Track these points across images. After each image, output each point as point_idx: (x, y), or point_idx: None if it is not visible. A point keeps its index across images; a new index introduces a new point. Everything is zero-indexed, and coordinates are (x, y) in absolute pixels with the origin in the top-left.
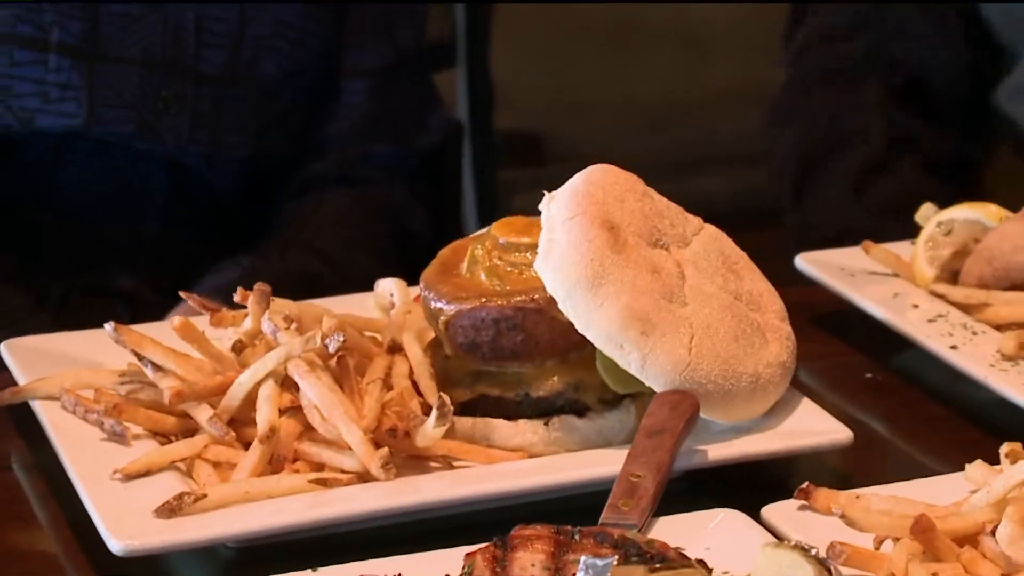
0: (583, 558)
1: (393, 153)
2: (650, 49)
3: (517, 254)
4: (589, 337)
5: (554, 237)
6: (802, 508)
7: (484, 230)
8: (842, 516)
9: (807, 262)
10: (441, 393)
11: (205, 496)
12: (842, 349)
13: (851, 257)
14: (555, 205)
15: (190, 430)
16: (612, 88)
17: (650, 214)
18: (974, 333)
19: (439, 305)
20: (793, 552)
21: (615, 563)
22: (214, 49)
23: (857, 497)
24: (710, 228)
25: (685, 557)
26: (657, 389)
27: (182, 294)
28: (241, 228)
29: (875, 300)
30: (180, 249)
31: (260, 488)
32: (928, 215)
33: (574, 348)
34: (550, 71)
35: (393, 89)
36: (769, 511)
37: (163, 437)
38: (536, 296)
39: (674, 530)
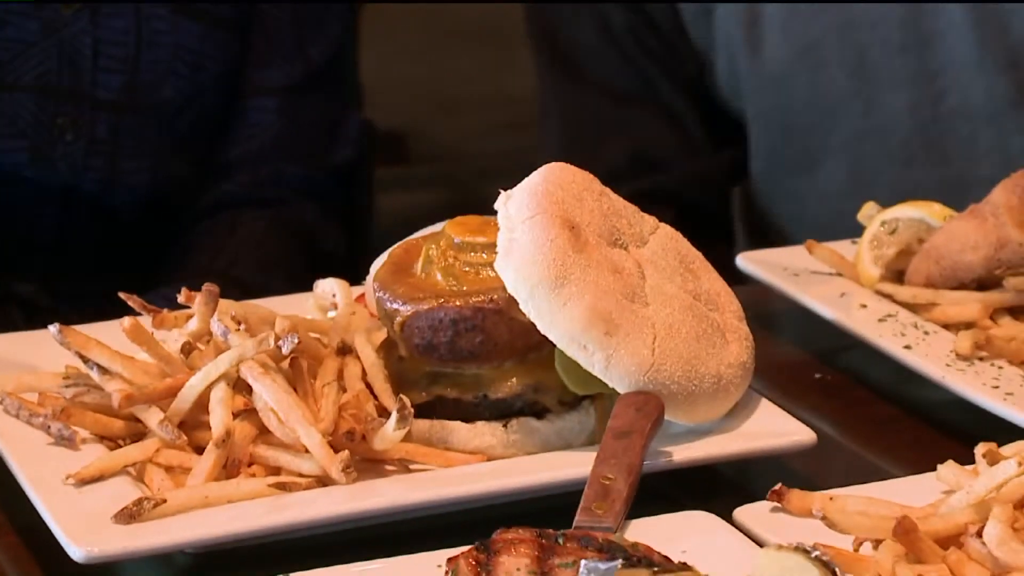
0: (584, 562)
1: (305, 173)
2: (518, 47)
3: (473, 254)
4: (552, 338)
5: (515, 236)
6: (775, 510)
7: (435, 228)
8: (823, 518)
9: (749, 261)
10: (401, 395)
11: (165, 501)
12: (788, 350)
13: (793, 256)
14: (513, 204)
15: (138, 434)
16: (479, 86)
17: (608, 213)
18: (926, 333)
19: (395, 306)
20: (796, 555)
21: (619, 567)
22: (111, 74)
23: (831, 499)
24: (665, 228)
25: (669, 560)
26: (621, 390)
27: (122, 295)
28: (141, 248)
29: (822, 300)
30: (75, 263)
31: (219, 493)
32: (871, 214)
33: (532, 349)
34: (416, 69)
35: (303, 106)
36: (742, 513)
37: (110, 441)
38: (495, 296)
39: (648, 533)
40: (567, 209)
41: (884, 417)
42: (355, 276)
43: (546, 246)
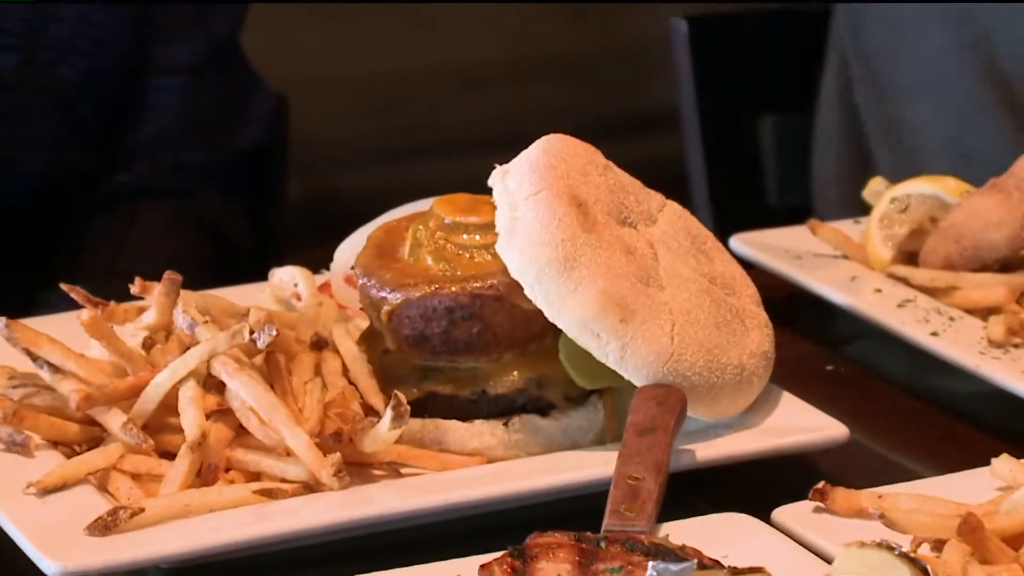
0: (652, 564)
1: (209, 159)
2: (376, 23)
3: (466, 235)
4: (561, 325)
5: (517, 215)
6: (817, 511)
7: (416, 207)
8: (881, 517)
9: (744, 243)
10: (396, 391)
11: (143, 511)
12: (793, 339)
13: (792, 238)
14: (512, 180)
15: (95, 438)
16: (335, 66)
17: (615, 189)
18: (951, 319)
19: (382, 294)
20: (882, 552)
21: (695, 567)
22: (6, 52)
23: (880, 497)
24: (673, 205)
25: (719, 564)
26: (638, 383)
27: (64, 287)
28: (32, 245)
29: (831, 285)
30: None
31: (201, 501)
32: (879, 190)
33: (535, 339)
34: (269, 45)
35: (207, 84)
36: (782, 514)
37: (65, 447)
38: (494, 281)
39: (682, 536)
40: (573, 184)
41: (907, 411)
42: (265, 273)
43: (553, 225)
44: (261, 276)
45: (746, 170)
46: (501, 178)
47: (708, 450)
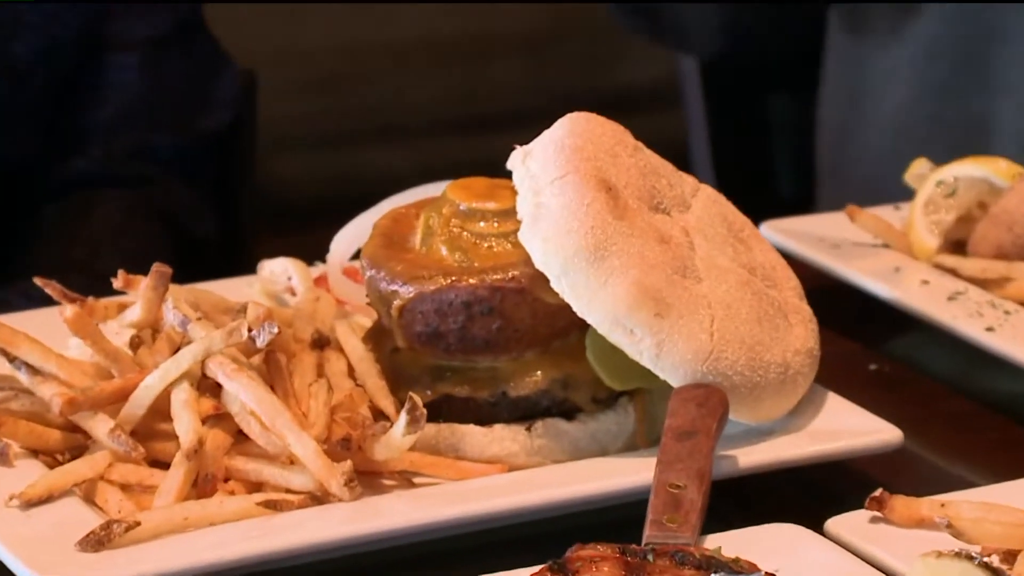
0: None
1: (171, 143)
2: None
3: (483, 223)
4: (591, 321)
5: (542, 200)
6: (874, 520)
7: (425, 192)
8: (948, 526)
9: (776, 231)
10: (411, 393)
11: (138, 524)
12: (832, 336)
13: (829, 225)
14: (535, 162)
15: (78, 447)
16: (283, 41)
17: (646, 172)
18: (1007, 312)
19: (393, 287)
20: (962, 562)
21: None
22: None
23: (943, 505)
24: (707, 189)
25: None
26: (675, 383)
27: (38, 281)
28: None
29: (874, 276)
30: None
31: (201, 514)
32: (923, 173)
33: (559, 336)
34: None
35: (169, 62)
36: (836, 524)
37: (46, 456)
38: (515, 273)
39: (731, 549)
40: (601, 167)
41: (960, 413)
42: (229, 268)
43: (581, 211)
44: (228, 271)
45: (752, 152)
46: (522, 160)
47: (752, 456)
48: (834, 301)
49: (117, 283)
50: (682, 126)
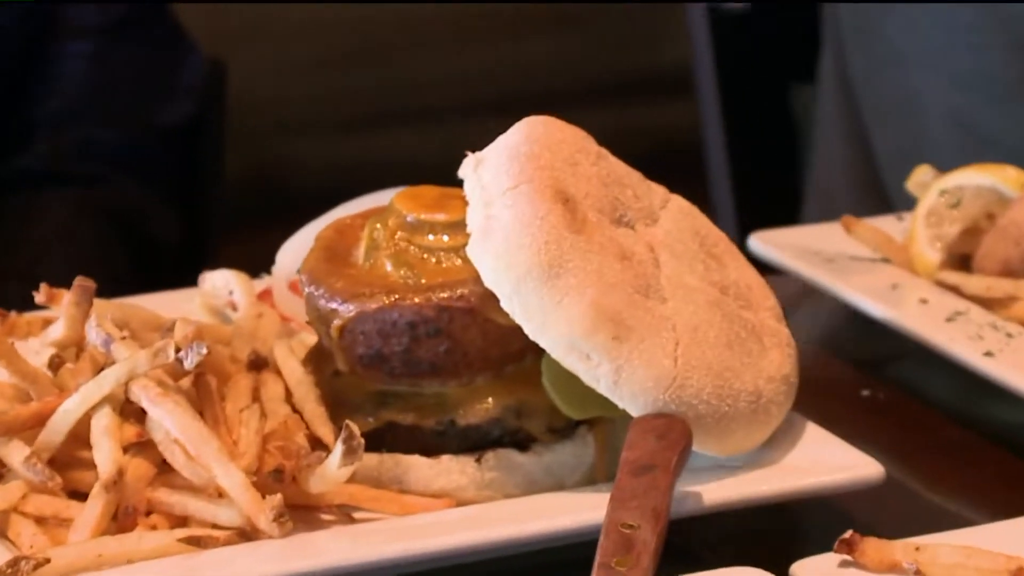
0: None
1: (123, 138)
2: None
3: (432, 236)
4: (544, 344)
5: (493, 213)
6: (844, 564)
7: (372, 201)
8: (916, 572)
9: (765, 243)
10: (347, 421)
11: (48, 561)
12: (823, 358)
13: (823, 237)
14: (487, 171)
15: None
16: (282, 14)
17: (609, 182)
18: (1008, 335)
19: (332, 305)
20: None
21: None
22: None
23: (917, 548)
24: (678, 200)
25: None
26: (635, 412)
27: None
28: None
29: (868, 293)
30: None
31: (117, 550)
32: (924, 181)
33: (512, 360)
34: None
35: (124, 49)
36: (801, 568)
37: None
38: (465, 291)
39: None
40: (558, 176)
41: (955, 444)
42: (194, 275)
43: (535, 225)
44: (193, 280)
45: (772, 147)
46: (474, 168)
47: (717, 492)
48: (827, 320)
49: (39, 297)
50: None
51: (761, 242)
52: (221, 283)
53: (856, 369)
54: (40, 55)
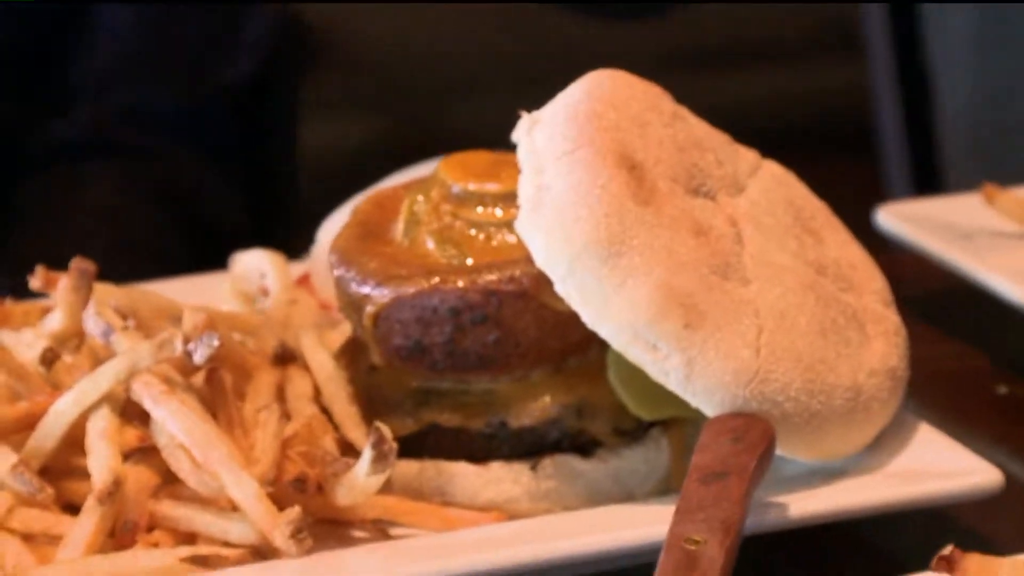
0: None
1: (177, 104)
2: None
3: (481, 209)
4: (603, 333)
5: (545, 182)
6: None
7: (418, 171)
8: None
9: (894, 217)
10: (376, 422)
11: None
12: (957, 349)
13: (961, 209)
14: (542, 133)
15: None
16: None
17: (686, 145)
18: None
19: (364, 290)
20: None
21: None
22: None
23: None
24: (771, 165)
25: None
26: (709, 412)
27: None
28: None
29: (1009, 275)
30: None
31: (107, 570)
32: None
33: (573, 352)
34: None
35: (177, 9)
36: None
37: None
38: (516, 273)
39: None
40: (624, 139)
41: None
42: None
43: (593, 195)
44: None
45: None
46: (528, 130)
47: (805, 503)
48: (961, 306)
49: (34, 282)
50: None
51: (890, 216)
52: (253, 265)
53: (993, 363)
54: (80, 7)
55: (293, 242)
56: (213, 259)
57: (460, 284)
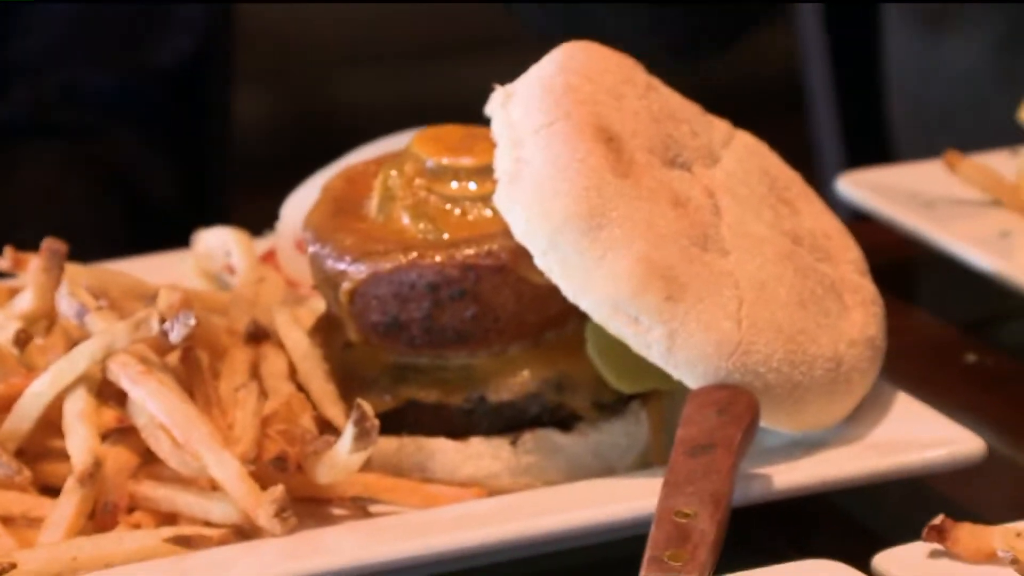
0: None
1: (115, 81)
2: None
3: (455, 183)
4: (584, 307)
5: (523, 155)
6: (934, 554)
7: (389, 144)
8: (1014, 562)
9: (855, 186)
10: (359, 399)
11: (14, 566)
12: (922, 319)
13: (922, 177)
14: (518, 106)
15: None
16: None
17: (661, 117)
18: None
19: (340, 266)
20: None
21: None
22: None
23: (1019, 535)
24: (743, 136)
25: None
26: (692, 384)
27: None
28: None
29: (974, 242)
30: None
31: (93, 553)
32: None
33: (550, 326)
34: None
35: None
36: (886, 560)
37: None
38: (494, 247)
39: None
40: (600, 111)
41: None
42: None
43: (572, 168)
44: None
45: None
46: (502, 104)
47: (788, 474)
48: (926, 275)
49: (2, 262)
50: None
51: (851, 184)
52: (217, 243)
53: (960, 331)
54: None
55: (228, 216)
56: (151, 237)
57: (438, 259)
